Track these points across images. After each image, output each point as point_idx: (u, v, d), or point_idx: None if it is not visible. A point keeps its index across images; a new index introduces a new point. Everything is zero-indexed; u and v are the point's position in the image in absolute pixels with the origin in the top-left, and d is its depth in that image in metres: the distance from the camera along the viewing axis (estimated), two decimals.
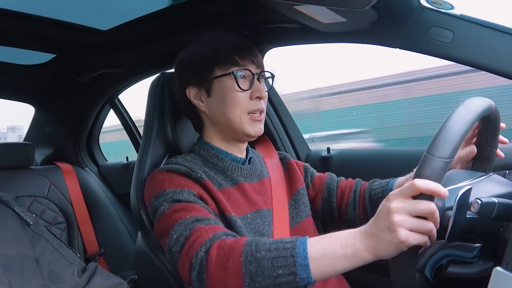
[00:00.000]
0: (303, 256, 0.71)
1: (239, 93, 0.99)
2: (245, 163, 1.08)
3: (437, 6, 1.05)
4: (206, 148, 1.06)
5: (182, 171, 0.94)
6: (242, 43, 1.03)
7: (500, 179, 0.82)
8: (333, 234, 0.74)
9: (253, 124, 1.02)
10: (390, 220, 0.65)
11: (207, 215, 0.87)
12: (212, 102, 1.03)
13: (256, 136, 1.05)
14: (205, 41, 1.04)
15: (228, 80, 1.00)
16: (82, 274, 0.96)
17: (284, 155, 1.22)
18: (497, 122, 0.84)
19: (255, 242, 0.76)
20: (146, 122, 1.15)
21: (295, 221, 1.08)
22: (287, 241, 0.75)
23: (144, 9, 1.35)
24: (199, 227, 0.81)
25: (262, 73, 1.05)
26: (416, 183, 0.64)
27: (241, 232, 0.93)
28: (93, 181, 2.16)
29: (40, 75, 1.88)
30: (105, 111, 2.20)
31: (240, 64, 1.00)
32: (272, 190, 1.09)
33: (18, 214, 0.94)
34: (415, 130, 2.85)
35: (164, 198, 0.90)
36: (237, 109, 1.00)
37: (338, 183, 1.19)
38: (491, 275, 0.59)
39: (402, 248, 0.65)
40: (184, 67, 1.06)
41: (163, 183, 0.93)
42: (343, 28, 1.14)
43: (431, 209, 0.64)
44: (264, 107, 1.03)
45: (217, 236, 0.79)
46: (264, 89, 1.03)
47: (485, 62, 1.02)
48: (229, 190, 0.99)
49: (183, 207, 0.87)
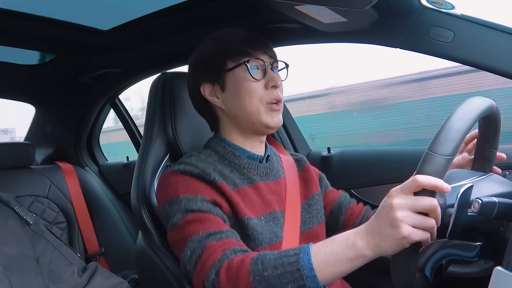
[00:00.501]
0: (308, 267, 0.73)
1: (253, 83, 0.97)
2: (263, 160, 1.06)
3: (437, 6, 1.05)
4: (222, 145, 1.03)
5: (195, 173, 0.93)
6: (253, 35, 1.02)
7: (500, 179, 0.82)
8: (334, 237, 0.75)
9: (271, 115, 0.99)
10: (393, 216, 0.65)
11: (219, 226, 0.87)
12: (227, 96, 1.01)
13: (276, 128, 1.02)
14: (215, 37, 1.03)
15: (240, 72, 0.98)
16: (83, 273, 0.95)
17: (300, 157, 1.20)
18: (497, 123, 0.84)
19: (261, 260, 0.77)
20: (147, 122, 1.15)
21: (306, 226, 1.06)
22: (291, 254, 0.76)
23: (145, 9, 1.35)
24: (210, 245, 0.83)
25: (275, 63, 1.02)
26: (418, 178, 0.64)
27: (256, 234, 0.92)
28: (94, 181, 2.17)
29: (41, 75, 1.89)
30: (106, 111, 2.20)
31: (251, 54, 0.98)
32: (287, 191, 1.07)
33: (18, 213, 0.94)
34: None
35: (177, 207, 0.90)
36: (253, 99, 0.97)
37: (350, 203, 1.19)
38: (492, 275, 0.59)
39: (404, 244, 0.65)
40: (196, 65, 1.05)
41: (177, 187, 0.92)
42: (343, 28, 1.14)
43: (433, 205, 0.64)
44: (282, 96, 1.01)
45: (226, 256, 0.80)
46: (279, 77, 1.01)
47: (486, 62, 1.02)
48: (244, 189, 0.98)
49: (196, 218, 0.87)
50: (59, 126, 2.21)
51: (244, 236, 0.92)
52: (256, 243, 0.92)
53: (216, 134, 1.08)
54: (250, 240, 0.92)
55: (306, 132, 1.78)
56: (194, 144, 1.15)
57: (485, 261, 0.77)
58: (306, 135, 1.77)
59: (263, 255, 0.78)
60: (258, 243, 0.93)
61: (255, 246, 0.92)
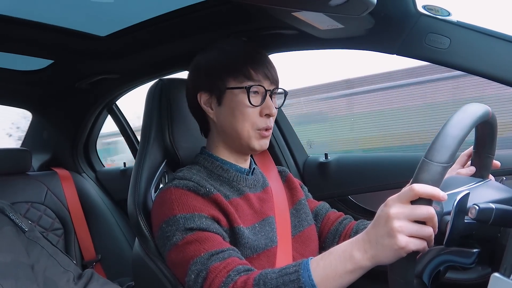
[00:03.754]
0: (310, 284, 0.74)
1: (250, 108, 0.99)
2: (249, 173, 1.08)
3: (433, 13, 1.05)
4: (210, 160, 1.05)
5: (190, 186, 0.94)
6: (259, 55, 1.02)
7: (497, 185, 0.82)
8: (332, 250, 0.76)
9: (259, 140, 1.02)
10: (390, 226, 0.65)
11: (220, 245, 0.87)
12: (221, 112, 1.02)
13: (261, 151, 1.05)
14: (222, 48, 1.04)
15: (240, 94, 0.99)
16: (78, 280, 0.95)
17: (282, 169, 1.23)
18: (494, 129, 0.84)
19: (263, 280, 0.78)
20: (144, 128, 1.15)
21: (297, 229, 1.08)
22: (291, 271, 0.77)
23: (142, 15, 1.35)
24: (214, 267, 0.83)
25: (275, 89, 1.04)
26: (414, 187, 0.64)
27: (251, 242, 0.94)
28: (91, 187, 2.16)
29: (38, 81, 1.88)
30: (103, 117, 2.20)
31: (254, 79, 0.99)
32: (274, 198, 1.09)
33: (13, 220, 0.93)
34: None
35: (176, 227, 0.90)
36: (245, 123, 0.99)
37: (327, 211, 1.21)
38: (489, 281, 0.59)
39: (401, 254, 0.66)
40: (198, 71, 1.06)
41: (172, 205, 0.92)
42: (340, 34, 1.14)
43: (430, 213, 0.64)
44: (272, 124, 1.03)
45: (230, 278, 0.81)
46: (274, 106, 1.02)
47: (482, 68, 1.03)
48: (236, 201, 1.00)
49: (196, 238, 0.87)
50: (56, 132, 2.20)
51: (240, 245, 0.92)
52: (252, 251, 0.94)
53: (203, 149, 1.09)
54: (246, 248, 0.93)
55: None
56: (191, 150, 1.14)
57: (482, 267, 0.77)
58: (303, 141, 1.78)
59: (265, 274, 0.79)
60: (253, 250, 0.94)
61: (252, 253, 0.94)
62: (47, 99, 2.07)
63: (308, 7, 0.93)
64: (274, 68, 1.04)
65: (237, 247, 0.91)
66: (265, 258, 0.96)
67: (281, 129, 1.68)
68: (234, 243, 0.92)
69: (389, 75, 2.47)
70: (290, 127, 1.74)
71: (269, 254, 0.97)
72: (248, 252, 0.93)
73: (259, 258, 0.94)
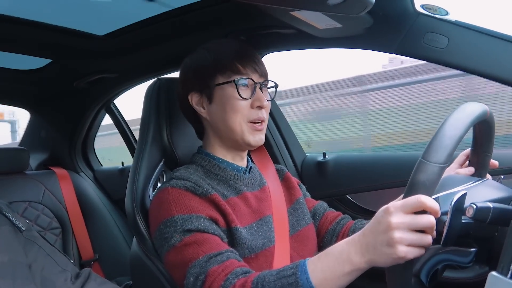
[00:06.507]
0: (308, 287, 0.74)
1: (240, 101, 0.99)
2: (246, 172, 1.08)
3: (432, 12, 1.05)
4: (207, 159, 1.05)
5: (188, 187, 0.94)
6: (245, 51, 1.03)
7: (494, 184, 0.82)
8: (328, 251, 0.76)
9: (253, 134, 1.01)
10: (390, 236, 0.65)
11: (218, 247, 0.87)
12: (213, 109, 1.02)
13: (257, 146, 1.04)
14: (208, 48, 1.04)
15: (229, 88, 0.99)
16: (76, 280, 0.94)
17: (280, 167, 1.23)
18: (491, 128, 0.84)
19: (261, 283, 0.78)
20: (142, 127, 1.15)
21: (295, 228, 1.08)
22: (289, 274, 0.77)
23: (140, 15, 1.35)
24: (212, 270, 0.83)
25: (265, 82, 1.04)
26: (422, 199, 0.63)
27: (248, 242, 0.94)
28: (88, 186, 2.15)
29: (36, 80, 1.88)
30: (101, 116, 2.19)
31: (242, 73, 0.99)
32: (272, 197, 1.09)
33: (10, 220, 0.93)
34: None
35: (174, 228, 0.89)
36: (237, 117, 0.99)
37: (325, 210, 1.20)
38: (487, 280, 0.59)
39: (399, 262, 0.66)
40: (187, 73, 1.06)
41: (170, 206, 0.91)
42: (338, 33, 1.14)
43: (431, 223, 0.64)
44: (266, 116, 1.03)
45: (229, 281, 0.81)
46: (265, 98, 1.02)
47: (480, 67, 1.03)
48: (233, 200, 0.99)
49: (194, 240, 0.87)
50: (53, 131, 2.20)
51: (238, 246, 0.92)
52: (250, 251, 0.94)
53: (200, 149, 1.09)
54: (244, 249, 0.93)
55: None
56: (189, 149, 1.14)
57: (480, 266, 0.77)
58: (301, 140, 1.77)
59: (262, 277, 0.79)
60: (251, 250, 0.94)
61: (249, 253, 0.93)
62: (45, 98, 2.07)
63: (307, 6, 0.93)
64: (262, 63, 1.04)
65: (234, 248, 0.91)
66: (263, 258, 0.96)
67: (279, 129, 1.68)
68: (232, 244, 0.92)
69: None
70: (288, 127, 1.74)
71: (267, 254, 0.96)
72: (245, 252, 0.93)
73: (257, 258, 0.94)
